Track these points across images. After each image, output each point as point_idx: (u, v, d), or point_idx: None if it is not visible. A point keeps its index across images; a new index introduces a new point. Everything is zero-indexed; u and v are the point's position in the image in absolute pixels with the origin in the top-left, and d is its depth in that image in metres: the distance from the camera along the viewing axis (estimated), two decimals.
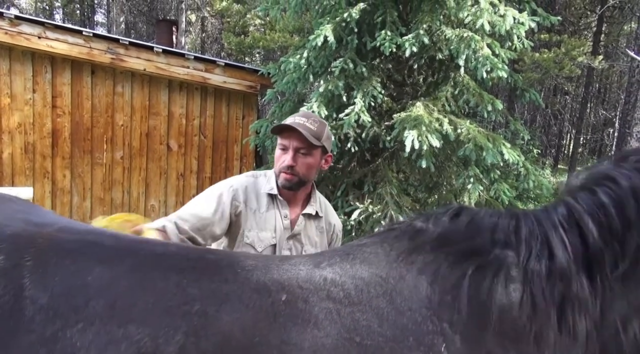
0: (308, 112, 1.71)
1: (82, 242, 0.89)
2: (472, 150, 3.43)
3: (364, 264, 0.92)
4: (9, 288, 0.77)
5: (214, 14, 15.26)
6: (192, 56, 5.44)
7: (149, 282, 0.83)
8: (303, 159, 1.59)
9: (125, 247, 0.91)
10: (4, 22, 4.71)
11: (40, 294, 0.77)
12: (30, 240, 0.85)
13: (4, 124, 5.03)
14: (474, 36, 3.44)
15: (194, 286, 0.84)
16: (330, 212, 1.81)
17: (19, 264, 0.79)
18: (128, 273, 0.84)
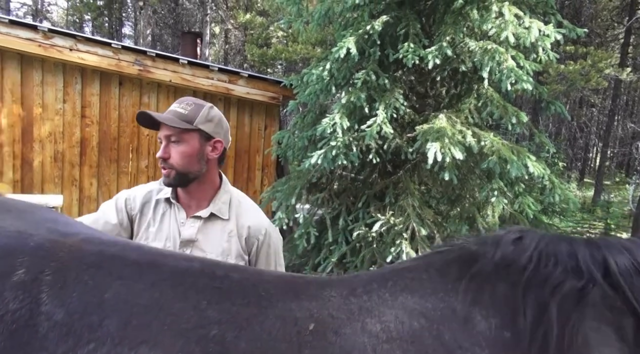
0: (187, 97, 1.51)
1: (104, 255, 0.86)
2: (496, 163, 3.38)
3: (405, 292, 0.80)
4: (26, 302, 0.75)
5: (237, 26, 15.54)
6: (217, 68, 5.55)
7: (166, 301, 0.79)
8: (175, 148, 1.41)
9: (148, 262, 0.87)
10: (38, 35, 4.89)
11: (57, 310, 0.75)
12: (52, 253, 0.83)
13: (35, 133, 5.19)
14: (498, 48, 3.42)
15: (213, 308, 0.79)
16: (245, 213, 1.53)
17: (39, 278, 0.78)
18: (147, 290, 0.81)
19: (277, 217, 4.00)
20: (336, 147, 3.60)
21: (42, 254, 0.82)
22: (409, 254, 3.51)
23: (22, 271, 0.78)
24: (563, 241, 0.82)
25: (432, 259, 0.87)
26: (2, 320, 0.73)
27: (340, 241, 4.01)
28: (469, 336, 0.73)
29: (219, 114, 1.51)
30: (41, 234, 0.86)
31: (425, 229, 3.61)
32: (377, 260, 3.69)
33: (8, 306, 0.74)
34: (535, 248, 0.80)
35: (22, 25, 4.94)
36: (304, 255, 4.45)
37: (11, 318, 0.73)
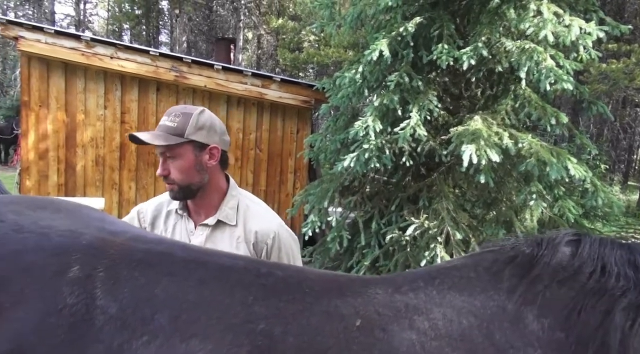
0: (176, 106, 1.47)
1: (152, 253, 0.90)
2: (535, 165, 3.28)
3: (453, 290, 0.80)
4: (82, 297, 0.78)
5: (269, 31, 15.74)
6: (250, 73, 5.63)
7: (214, 297, 0.82)
8: (172, 164, 1.40)
9: (194, 260, 0.90)
10: (81, 44, 5.10)
11: (111, 305, 0.79)
12: (103, 251, 0.86)
13: (78, 139, 5.41)
14: (536, 48, 3.32)
15: (260, 304, 0.80)
16: (252, 218, 1.49)
17: (92, 274, 0.81)
18: (194, 286, 0.83)
19: (309, 220, 4.02)
20: (369, 150, 3.58)
21: (94, 252, 0.85)
22: (443, 258, 3.45)
23: (77, 268, 0.81)
24: (621, 247, 0.80)
25: (481, 258, 0.86)
26: (61, 314, 0.76)
27: (373, 244, 3.99)
28: (520, 336, 0.72)
29: (210, 117, 1.46)
30: (91, 233, 0.89)
31: (460, 233, 3.54)
32: (411, 264, 3.65)
33: (66, 301, 0.77)
34: (593, 253, 0.78)
35: (66, 35, 5.17)
36: (337, 258, 4.44)
37: (69, 311, 0.76)
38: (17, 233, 0.84)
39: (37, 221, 0.88)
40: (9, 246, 0.82)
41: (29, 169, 5.30)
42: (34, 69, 5.19)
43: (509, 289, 0.78)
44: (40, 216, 0.90)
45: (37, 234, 0.85)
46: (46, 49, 5.02)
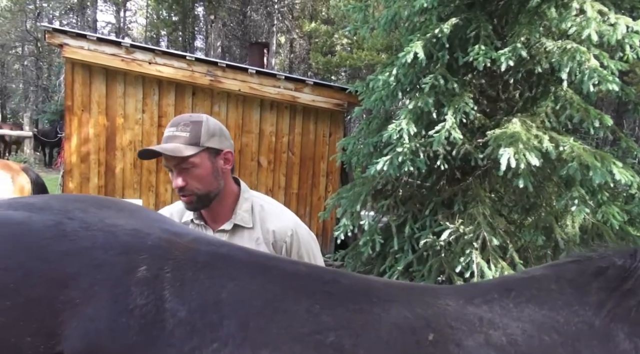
0: (179, 116, 1.45)
1: (216, 255, 0.87)
2: (577, 169, 3.16)
3: (532, 303, 0.75)
4: (151, 298, 0.76)
5: (302, 35, 15.85)
6: (283, 76, 5.68)
7: (280, 304, 0.78)
8: (189, 175, 1.38)
9: (257, 264, 0.87)
10: (121, 50, 5.27)
11: (180, 307, 0.76)
12: (168, 251, 0.84)
13: (117, 142, 5.59)
14: (579, 47, 3.20)
15: (327, 313, 0.76)
16: (269, 219, 1.50)
17: (160, 275, 0.79)
18: (259, 291, 0.80)
19: (341, 224, 4.00)
20: (402, 153, 3.54)
21: (160, 252, 0.83)
22: (479, 264, 3.36)
23: (144, 268, 0.79)
24: None
25: (563, 269, 0.81)
26: (132, 314, 0.75)
27: (407, 249, 3.93)
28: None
29: (217, 123, 1.47)
30: (155, 233, 0.88)
31: (497, 239, 3.44)
32: (445, 270, 3.57)
33: (136, 301, 0.75)
34: None
35: (107, 42, 5.36)
36: (369, 263, 4.40)
37: (140, 312, 0.75)
38: (85, 230, 0.83)
39: (103, 220, 0.87)
40: (79, 243, 0.81)
41: (71, 172, 5.51)
42: (77, 75, 5.40)
43: (596, 303, 0.72)
44: (105, 214, 0.89)
45: (105, 232, 0.84)
46: (88, 56, 5.21)
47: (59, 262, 0.77)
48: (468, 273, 3.36)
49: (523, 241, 3.83)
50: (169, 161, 1.38)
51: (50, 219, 0.83)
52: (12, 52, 21.94)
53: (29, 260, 0.76)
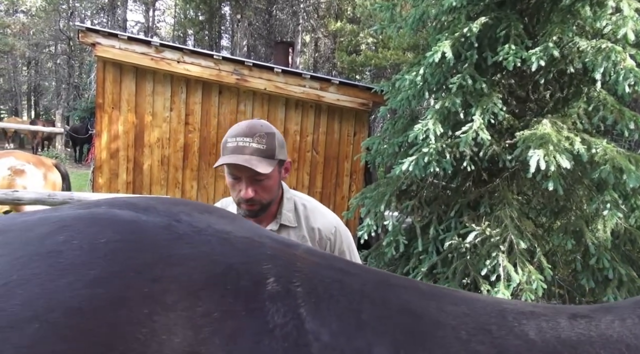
0: (250, 125, 1.40)
1: (338, 270, 0.77)
2: (610, 172, 3.07)
3: None
4: (289, 316, 0.65)
5: (327, 34, 15.85)
6: (309, 75, 5.69)
7: (425, 328, 0.69)
8: (260, 186, 1.37)
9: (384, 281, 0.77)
10: (151, 49, 5.37)
11: (321, 330, 0.65)
12: (291, 263, 0.74)
13: (145, 139, 5.70)
14: (614, 47, 3.11)
15: (476, 341, 0.67)
16: (312, 217, 1.51)
17: (291, 289, 0.68)
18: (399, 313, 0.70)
19: (365, 224, 3.99)
20: (428, 153, 3.50)
21: (283, 263, 0.73)
22: (506, 268, 3.30)
23: (272, 280, 0.69)
24: None
25: None
26: (273, 335, 0.63)
27: (431, 250, 3.89)
28: None
29: (278, 132, 1.46)
30: (268, 242, 0.78)
31: (524, 242, 3.38)
32: (471, 272, 3.52)
33: (275, 320, 0.65)
34: None
35: (137, 40, 5.47)
36: (392, 263, 4.38)
37: (281, 333, 0.64)
38: (198, 235, 0.73)
39: (211, 225, 0.77)
40: (198, 247, 0.70)
41: (101, 168, 5.65)
42: (108, 73, 5.53)
43: None
44: (210, 219, 0.79)
45: (219, 238, 0.73)
46: (119, 54, 5.34)
47: (184, 267, 0.66)
48: (494, 276, 3.31)
49: (551, 245, 3.75)
50: (241, 171, 1.35)
51: (159, 221, 0.73)
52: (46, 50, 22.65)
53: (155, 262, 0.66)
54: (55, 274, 0.60)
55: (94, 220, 0.72)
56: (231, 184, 1.40)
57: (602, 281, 3.41)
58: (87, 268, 0.62)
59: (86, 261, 0.63)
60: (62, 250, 0.64)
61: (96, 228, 0.69)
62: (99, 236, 0.67)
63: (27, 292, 0.57)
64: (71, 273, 0.61)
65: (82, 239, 0.66)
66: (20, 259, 0.62)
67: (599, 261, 3.30)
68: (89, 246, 0.65)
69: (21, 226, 0.70)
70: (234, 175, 1.37)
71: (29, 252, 0.63)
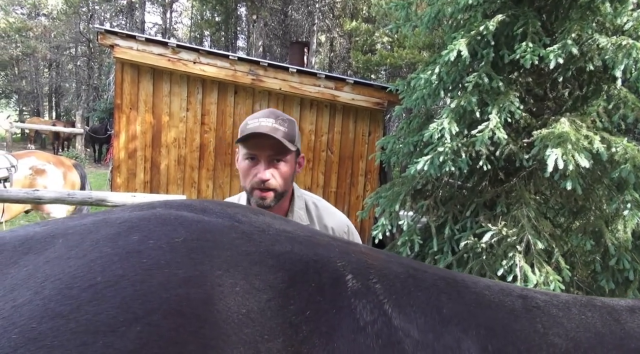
0: (271, 110, 1.38)
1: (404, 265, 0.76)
2: (630, 171, 3.00)
3: None
4: (376, 313, 0.64)
5: (342, 34, 15.83)
6: (323, 75, 5.69)
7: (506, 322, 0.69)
8: (279, 169, 1.32)
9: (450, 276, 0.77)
10: (168, 50, 5.44)
11: (408, 326, 0.64)
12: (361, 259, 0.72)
13: (162, 139, 5.77)
14: (635, 44, 3.04)
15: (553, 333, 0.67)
16: (325, 215, 1.50)
17: (370, 286, 0.67)
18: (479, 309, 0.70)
19: (380, 223, 3.97)
20: (444, 153, 3.47)
21: (355, 260, 0.71)
22: (523, 268, 3.26)
23: (350, 277, 0.67)
24: None
25: None
26: (365, 333, 0.62)
27: (446, 250, 3.86)
28: None
29: None
30: (331, 241, 0.76)
31: (542, 243, 3.33)
32: (487, 273, 3.48)
33: (364, 317, 0.63)
34: None
35: (155, 42, 5.55)
36: None
37: (372, 331, 0.62)
38: (263, 234, 0.70)
39: (270, 225, 0.74)
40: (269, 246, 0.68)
41: (119, 167, 5.74)
42: (126, 74, 5.62)
43: None
44: (266, 220, 0.77)
45: (285, 237, 0.71)
46: (137, 56, 5.42)
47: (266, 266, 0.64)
48: (510, 277, 3.27)
49: (570, 246, 3.68)
50: (263, 149, 1.30)
51: (222, 221, 0.71)
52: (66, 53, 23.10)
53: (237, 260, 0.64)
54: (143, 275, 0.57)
55: (162, 220, 0.69)
56: (247, 168, 1.35)
57: (623, 283, 3.34)
58: (175, 268, 0.60)
59: (170, 260, 0.61)
60: (141, 250, 0.61)
61: (168, 228, 0.66)
62: (174, 235, 0.65)
63: (119, 294, 0.54)
64: (159, 273, 0.59)
65: (158, 239, 0.64)
66: (97, 261, 0.58)
67: (619, 262, 3.24)
68: (168, 246, 0.63)
69: (81, 229, 0.66)
70: (252, 155, 1.32)
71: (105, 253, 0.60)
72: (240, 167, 1.37)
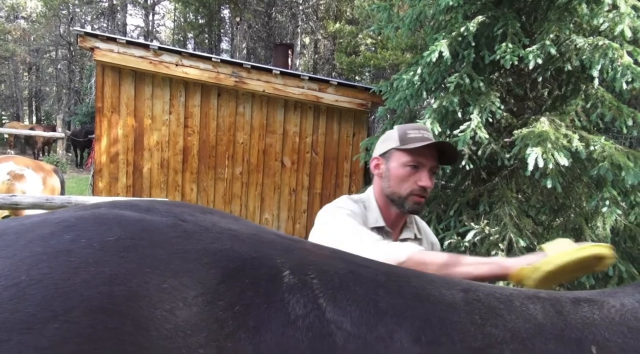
0: (419, 125, 1.46)
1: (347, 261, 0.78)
2: (608, 169, 3.06)
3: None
4: (309, 307, 0.66)
5: (326, 36, 15.86)
6: (307, 77, 5.69)
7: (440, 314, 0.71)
8: (432, 180, 1.40)
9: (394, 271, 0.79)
10: (149, 53, 5.39)
11: (342, 319, 0.66)
12: (303, 256, 0.75)
13: (145, 142, 5.71)
14: (611, 44, 3.11)
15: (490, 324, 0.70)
16: (429, 231, 1.60)
17: (307, 281, 0.69)
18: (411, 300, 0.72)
19: None
20: None
21: (295, 256, 0.74)
22: None
23: (288, 272, 0.69)
24: None
25: None
26: (297, 326, 0.64)
27: None
28: None
29: None
30: (275, 238, 0.79)
31: (524, 240, 3.37)
32: None
33: (296, 311, 0.65)
34: None
35: (136, 44, 5.48)
36: None
37: (303, 324, 0.65)
38: (206, 232, 0.72)
39: (216, 223, 0.76)
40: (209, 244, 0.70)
41: (101, 172, 5.66)
42: (107, 77, 5.54)
43: None
44: (213, 219, 0.79)
45: (228, 235, 0.73)
46: (118, 58, 5.35)
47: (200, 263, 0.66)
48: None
49: None
50: (428, 159, 1.37)
51: (165, 220, 0.72)
52: (47, 56, 22.72)
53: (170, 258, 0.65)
54: (69, 273, 0.58)
55: (99, 219, 0.70)
56: (407, 175, 1.38)
57: (602, 278, 3.40)
58: (102, 266, 0.61)
59: (99, 259, 0.62)
60: (72, 249, 0.62)
61: (104, 227, 0.68)
62: (107, 234, 0.66)
63: (41, 292, 0.55)
64: (85, 272, 0.60)
65: (90, 238, 0.65)
66: (25, 260, 0.59)
67: None
68: (99, 245, 0.64)
69: (18, 228, 0.68)
70: (417, 162, 1.37)
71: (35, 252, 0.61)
72: (396, 173, 1.40)
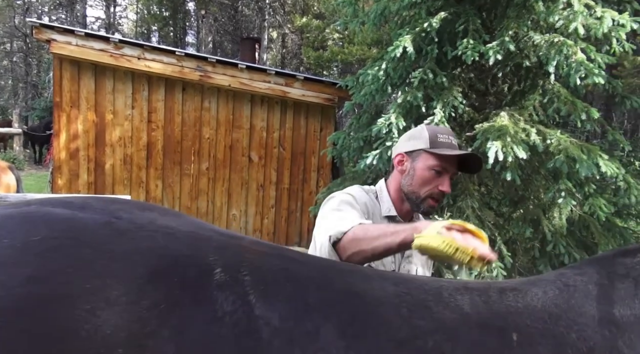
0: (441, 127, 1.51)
1: (283, 258, 0.80)
2: (564, 162, 3.19)
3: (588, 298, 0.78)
4: (238, 304, 0.67)
5: (294, 30, 15.78)
6: (274, 71, 5.66)
7: (367, 307, 0.74)
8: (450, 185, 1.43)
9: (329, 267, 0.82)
10: (110, 46, 5.23)
11: (270, 315, 0.68)
12: (237, 253, 0.76)
13: (107, 138, 5.55)
14: (566, 41, 3.22)
15: (417, 317, 0.73)
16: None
17: (239, 278, 0.70)
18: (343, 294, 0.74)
19: None
20: (392, 147, 3.55)
21: (230, 254, 0.75)
22: None
23: (219, 270, 0.70)
24: None
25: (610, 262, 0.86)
26: (223, 323, 0.66)
27: None
28: None
29: None
30: (214, 236, 0.79)
31: (486, 232, 3.47)
32: (434, 262, 3.59)
33: (223, 308, 0.66)
34: None
35: (95, 37, 5.31)
36: None
37: (230, 320, 0.66)
38: (140, 230, 0.73)
39: (153, 221, 0.77)
40: (140, 242, 0.70)
41: (60, 168, 5.47)
42: (65, 71, 5.35)
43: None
44: (151, 216, 0.79)
45: (162, 233, 0.74)
46: (76, 51, 5.16)
47: (127, 262, 0.66)
48: (455, 265, 3.39)
49: (511, 234, 3.86)
50: (452, 166, 1.39)
51: (98, 217, 0.72)
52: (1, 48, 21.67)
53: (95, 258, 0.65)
54: None
55: (26, 218, 0.69)
56: (430, 178, 1.39)
57: (559, 267, 3.54)
58: (20, 267, 0.61)
59: (19, 259, 0.62)
60: None
61: (28, 226, 0.67)
62: (32, 233, 0.66)
63: None
64: (3, 272, 0.60)
65: (14, 238, 0.65)
66: None
67: (556, 248, 3.43)
68: (21, 245, 0.64)
69: None
70: (444, 168, 1.39)
71: None
72: (421, 174, 1.41)
